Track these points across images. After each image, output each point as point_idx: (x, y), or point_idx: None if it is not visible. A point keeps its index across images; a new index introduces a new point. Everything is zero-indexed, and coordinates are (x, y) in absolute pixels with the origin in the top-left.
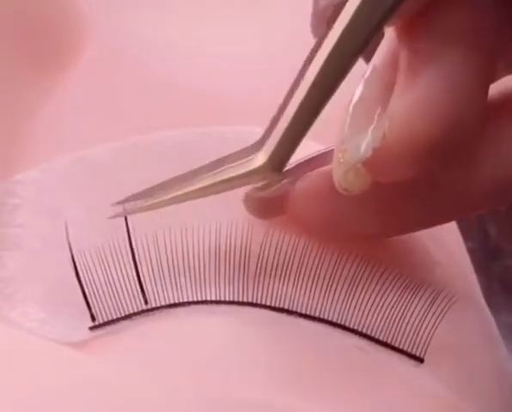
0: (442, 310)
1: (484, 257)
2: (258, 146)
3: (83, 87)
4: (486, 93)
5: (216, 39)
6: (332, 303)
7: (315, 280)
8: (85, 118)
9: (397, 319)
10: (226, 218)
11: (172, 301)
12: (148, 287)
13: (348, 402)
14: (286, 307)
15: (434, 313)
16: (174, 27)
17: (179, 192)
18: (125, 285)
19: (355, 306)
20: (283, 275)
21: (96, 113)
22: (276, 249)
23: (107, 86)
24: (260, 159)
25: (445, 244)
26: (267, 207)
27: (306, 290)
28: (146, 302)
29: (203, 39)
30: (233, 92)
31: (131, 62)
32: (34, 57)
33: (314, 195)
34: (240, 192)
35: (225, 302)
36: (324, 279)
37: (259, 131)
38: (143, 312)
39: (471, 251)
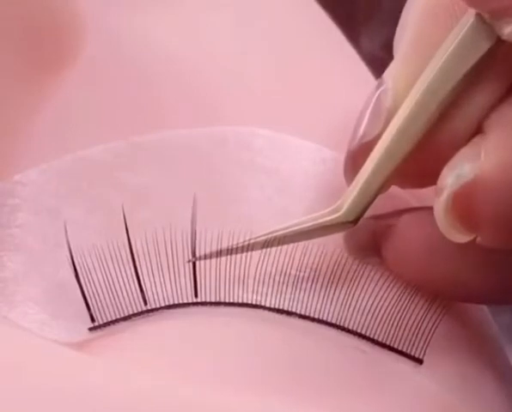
0: (442, 310)
1: None
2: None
3: (83, 87)
4: None
5: (216, 40)
6: (331, 304)
7: (315, 280)
8: (85, 118)
9: (396, 320)
10: (227, 219)
11: (171, 302)
12: (147, 287)
13: (348, 403)
14: (286, 308)
15: (433, 314)
16: (174, 27)
17: (260, 239)
18: (125, 286)
19: (354, 307)
20: (282, 275)
21: (96, 113)
22: (276, 250)
23: (107, 86)
24: (338, 211)
25: None
26: (364, 246)
27: (305, 291)
28: (145, 303)
29: (203, 39)
30: (233, 92)
31: (131, 62)
32: (34, 57)
33: (414, 236)
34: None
35: (224, 303)
36: (324, 280)
37: (259, 132)
38: (142, 312)
39: None
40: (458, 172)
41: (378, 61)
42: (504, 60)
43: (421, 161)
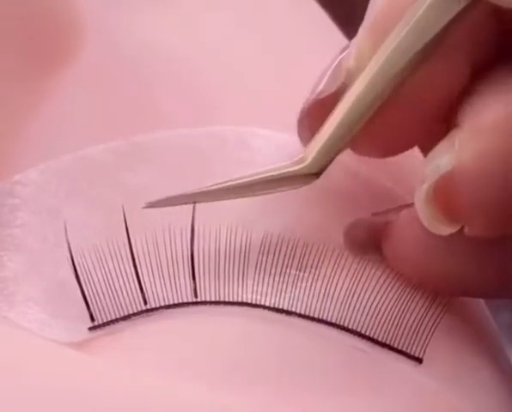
0: (442, 310)
1: None
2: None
3: (82, 87)
4: None
5: (215, 40)
6: (331, 303)
7: (315, 280)
8: (84, 118)
9: (396, 320)
10: (226, 218)
11: (171, 302)
12: (147, 287)
13: (347, 402)
14: (285, 308)
15: (433, 313)
16: (174, 27)
17: (220, 186)
18: (125, 285)
19: (354, 307)
20: (282, 275)
21: (96, 113)
22: (275, 249)
23: (107, 86)
24: (302, 162)
25: None
26: (364, 244)
27: (305, 290)
28: (145, 302)
29: (202, 39)
30: (233, 92)
31: (131, 62)
32: (34, 57)
33: (411, 233)
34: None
35: (224, 303)
36: (324, 279)
37: (259, 132)
38: (142, 312)
39: None
40: (437, 162)
41: None
42: (473, 32)
43: (387, 124)
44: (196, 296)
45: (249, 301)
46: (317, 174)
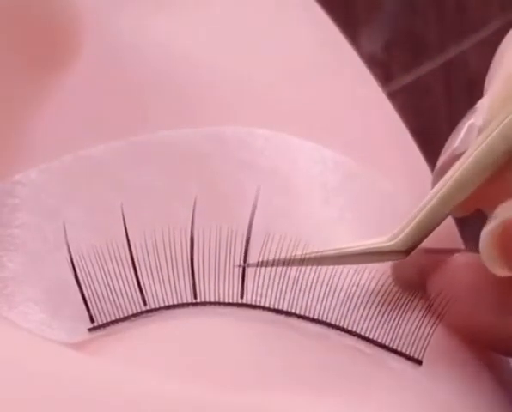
0: (441, 311)
1: None
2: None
3: (82, 87)
4: None
5: (215, 40)
6: (330, 304)
7: (314, 281)
8: (85, 118)
9: (396, 321)
10: (226, 219)
11: (171, 302)
12: (146, 288)
13: (347, 403)
14: (285, 309)
15: (432, 315)
16: (174, 28)
17: (313, 255)
18: (124, 286)
19: (353, 308)
20: (282, 276)
21: (96, 113)
22: (275, 250)
23: (107, 85)
24: (393, 240)
25: (444, 245)
26: (411, 277)
27: (305, 291)
28: (145, 303)
29: (202, 39)
30: (233, 92)
31: (131, 61)
32: (34, 56)
33: (464, 277)
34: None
35: (224, 303)
36: (323, 280)
37: (259, 132)
38: (141, 313)
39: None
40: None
41: (378, 61)
42: None
43: (486, 194)
44: (195, 297)
45: (249, 302)
46: (406, 252)
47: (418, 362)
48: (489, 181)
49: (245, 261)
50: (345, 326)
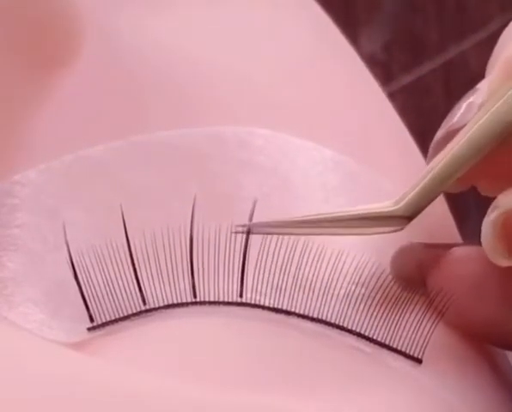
0: (441, 310)
1: None
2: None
3: (82, 87)
4: None
5: (215, 40)
6: (330, 303)
7: (314, 279)
8: (84, 118)
9: (395, 319)
10: (225, 218)
11: (170, 302)
12: (146, 287)
13: (346, 402)
14: (285, 308)
15: (432, 313)
16: (174, 27)
17: (311, 217)
18: (124, 286)
19: (353, 307)
20: (282, 275)
21: (96, 113)
22: (275, 249)
23: (107, 85)
24: (395, 205)
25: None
26: (410, 273)
27: (304, 290)
28: (144, 303)
29: (202, 39)
30: (232, 91)
31: (131, 61)
32: (34, 57)
33: (464, 270)
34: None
35: (224, 303)
36: (323, 279)
37: (259, 132)
38: (141, 312)
39: None
40: None
41: (378, 61)
42: None
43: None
44: (195, 296)
45: (248, 301)
46: (409, 218)
47: (418, 361)
48: (492, 153)
49: (244, 261)
50: (345, 325)
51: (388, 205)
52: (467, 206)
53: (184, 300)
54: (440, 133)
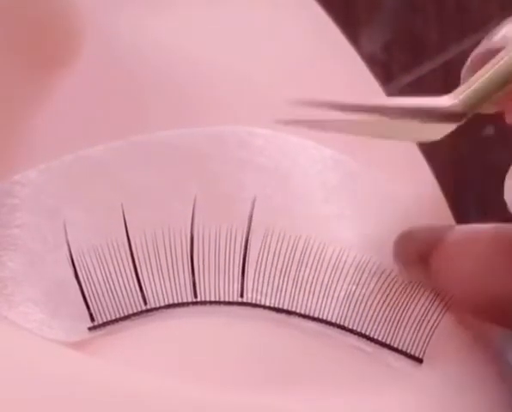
0: (442, 310)
1: None
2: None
3: (82, 88)
4: None
5: (215, 39)
6: (331, 303)
7: (315, 279)
8: (84, 118)
9: (396, 319)
10: (226, 218)
11: (171, 302)
12: (147, 287)
13: (347, 402)
14: (286, 308)
15: (433, 313)
16: (174, 27)
17: (370, 104)
18: (124, 285)
19: (354, 306)
20: (282, 275)
21: (96, 113)
22: (275, 249)
23: (106, 86)
24: (452, 99)
25: None
26: (413, 254)
27: (305, 290)
28: (145, 302)
29: (202, 39)
30: (232, 91)
31: (131, 61)
32: (34, 57)
33: (472, 249)
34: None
35: (224, 303)
36: (323, 279)
37: (259, 132)
38: (142, 312)
39: None
40: None
41: (378, 61)
42: None
43: None
44: (196, 296)
45: (249, 301)
46: (462, 116)
47: (419, 360)
48: None
49: (244, 260)
50: (346, 325)
51: (445, 100)
52: (467, 206)
53: (184, 300)
54: (476, 52)
